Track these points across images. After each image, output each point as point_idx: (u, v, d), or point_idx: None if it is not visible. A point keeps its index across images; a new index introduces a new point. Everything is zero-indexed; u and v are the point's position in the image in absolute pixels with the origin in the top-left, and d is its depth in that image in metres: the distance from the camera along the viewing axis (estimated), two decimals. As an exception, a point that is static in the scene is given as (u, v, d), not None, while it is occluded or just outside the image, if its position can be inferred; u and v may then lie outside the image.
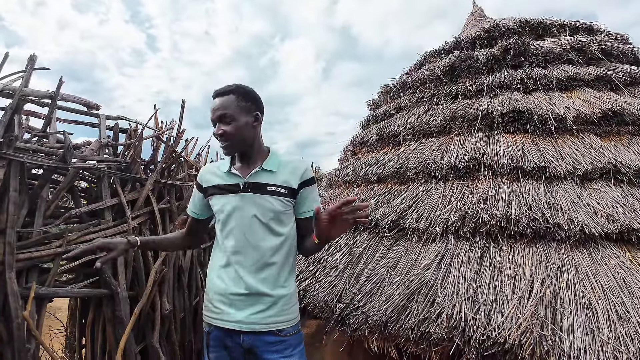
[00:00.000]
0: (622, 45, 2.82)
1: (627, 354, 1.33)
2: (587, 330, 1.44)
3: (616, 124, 2.22)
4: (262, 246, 1.36)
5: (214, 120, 1.39)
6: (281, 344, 1.35)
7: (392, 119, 2.98)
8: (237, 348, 1.33)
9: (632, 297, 1.52)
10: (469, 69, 2.80)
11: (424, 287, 1.66)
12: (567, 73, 2.52)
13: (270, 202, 1.37)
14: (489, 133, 2.29)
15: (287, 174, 1.42)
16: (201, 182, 1.45)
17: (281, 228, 1.40)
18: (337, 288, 1.91)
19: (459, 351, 1.52)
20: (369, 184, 2.56)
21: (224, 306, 1.33)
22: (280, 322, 1.36)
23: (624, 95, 2.42)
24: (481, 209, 1.81)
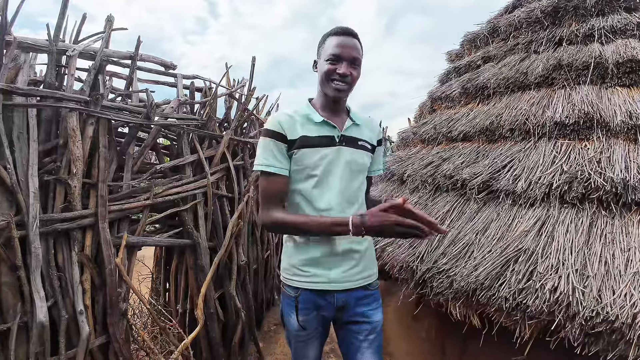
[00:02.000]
0: None
1: None
2: None
3: None
4: (355, 201, 1.33)
5: (345, 57, 1.25)
6: (369, 297, 1.37)
7: (479, 70, 2.68)
8: (329, 307, 1.33)
9: None
10: (575, 10, 2.39)
11: (522, 255, 1.52)
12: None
13: (362, 157, 1.35)
14: (600, 85, 1.97)
15: (368, 131, 1.40)
16: (284, 132, 1.27)
17: (363, 184, 1.38)
18: (418, 249, 1.83)
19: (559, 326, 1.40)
20: (452, 142, 2.38)
21: (314, 269, 1.30)
22: (368, 276, 1.37)
23: None
24: (594, 171, 1.58)
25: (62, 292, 1.79)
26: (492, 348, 1.85)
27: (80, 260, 1.86)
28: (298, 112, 1.33)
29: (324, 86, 1.29)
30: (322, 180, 1.28)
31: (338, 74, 1.24)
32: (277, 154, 1.27)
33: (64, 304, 1.79)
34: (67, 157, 1.83)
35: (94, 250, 1.93)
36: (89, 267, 1.88)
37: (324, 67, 1.26)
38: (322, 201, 1.27)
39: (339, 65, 1.24)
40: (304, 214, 1.29)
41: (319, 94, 1.35)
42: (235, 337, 2.71)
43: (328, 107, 1.33)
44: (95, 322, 1.91)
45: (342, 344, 1.42)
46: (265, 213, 1.29)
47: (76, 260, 1.85)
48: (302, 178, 1.29)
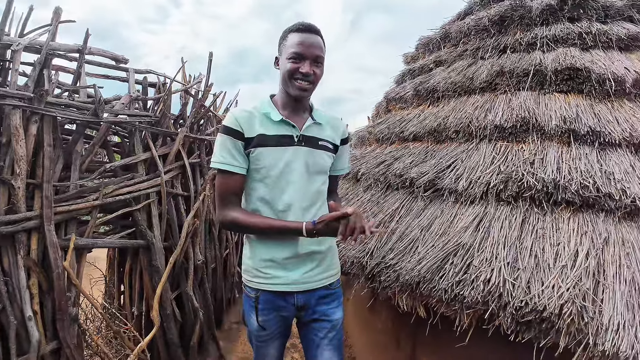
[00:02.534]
0: None
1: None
2: (628, 305, 1.37)
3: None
4: (316, 202, 1.33)
5: (307, 56, 1.22)
6: (329, 297, 1.40)
7: (431, 73, 2.79)
8: (290, 307, 1.34)
9: None
10: (521, 19, 2.54)
11: (461, 249, 1.61)
12: (627, 31, 2.27)
13: (322, 157, 1.34)
14: (539, 91, 2.10)
15: (331, 130, 1.38)
16: (241, 129, 1.23)
17: (324, 185, 1.38)
18: (368, 246, 1.90)
19: (491, 315, 1.50)
20: (404, 142, 2.46)
21: (274, 270, 1.30)
22: (330, 276, 1.39)
23: (690, 61, 2.16)
24: (527, 172, 1.70)
25: (9, 298, 1.72)
26: (439, 337, 1.94)
27: (26, 264, 1.78)
28: (258, 108, 1.29)
29: (286, 85, 1.26)
30: (280, 180, 1.26)
31: (301, 73, 1.22)
32: (234, 151, 1.24)
33: (12, 309, 1.72)
34: (11, 156, 1.75)
35: (40, 254, 1.85)
36: (36, 272, 1.81)
37: (286, 66, 1.23)
38: (280, 202, 1.27)
39: (302, 64, 1.22)
40: (261, 215, 1.27)
41: (280, 92, 1.32)
42: (194, 338, 2.69)
43: (289, 105, 1.31)
44: (46, 328, 1.84)
45: (303, 340, 1.45)
46: (221, 212, 1.28)
47: (22, 265, 1.77)
48: (259, 178, 1.27)
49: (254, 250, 1.33)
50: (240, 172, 1.25)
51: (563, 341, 1.38)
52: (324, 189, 1.37)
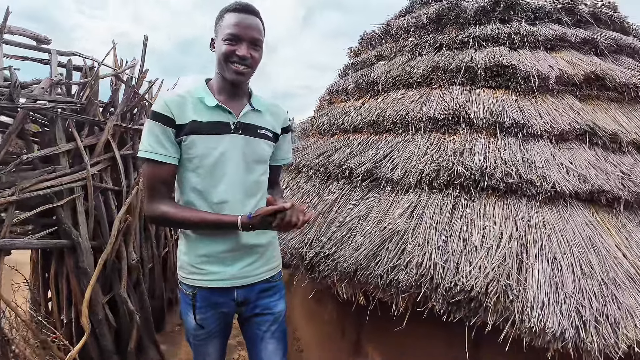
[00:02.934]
0: (611, 12, 2.76)
1: (589, 308, 1.37)
2: (551, 283, 1.48)
3: (597, 89, 2.21)
4: (255, 193, 1.27)
5: (244, 38, 1.16)
6: (271, 290, 1.36)
7: (372, 67, 2.85)
8: (230, 303, 1.29)
9: (598, 255, 1.57)
10: (456, 19, 2.67)
11: (395, 236, 1.65)
12: (554, 32, 2.45)
13: (261, 146, 1.28)
14: (470, 86, 2.22)
15: (271, 118, 1.33)
16: (172, 115, 1.14)
17: (264, 176, 1.33)
18: (307, 236, 1.89)
19: (425, 298, 1.55)
20: (345, 133, 2.49)
21: (211, 266, 1.23)
22: (271, 269, 1.35)
23: (608, 61, 2.39)
24: (457, 161, 1.78)
25: None
26: (380, 323, 1.98)
27: None
28: (191, 93, 1.21)
29: (222, 68, 1.19)
30: (215, 171, 1.19)
31: (237, 56, 1.15)
32: (164, 139, 1.14)
33: None
34: None
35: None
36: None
37: (222, 48, 1.16)
38: (215, 194, 1.19)
39: (239, 46, 1.15)
40: (195, 208, 1.19)
41: (216, 76, 1.25)
42: (131, 343, 2.52)
43: (226, 91, 1.24)
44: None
45: (246, 336, 1.40)
46: (150, 205, 1.18)
47: None
48: (192, 168, 1.19)
49: (190, 245, 1.26)
50: (171, 161, 1.16)
51: (491, 319, 1.45)
52: (264, 180, 1.32)
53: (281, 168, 1.54)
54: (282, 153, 1.42)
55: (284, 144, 1.41)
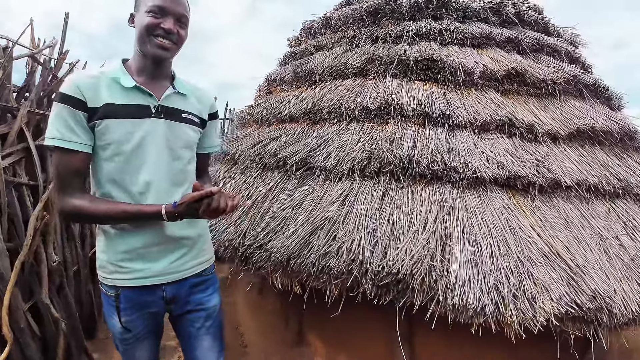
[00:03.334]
0: (536, 14, 2.99)
1: (507, 285, 1.48)
2: (472, 262, 1.57)
3: (517, 84, 2.38)
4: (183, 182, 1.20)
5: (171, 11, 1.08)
6: (203, 284, 1.29)
7: (311, 57, 2.85)
8: (158, 302, 1.21)
9: (514, 235, 1.70)
10: (392, 13, 2.75)
11: (327, 223, 1.68)
12: (481, 31, 2.60)
13: (186, 132, 1.20)
14: (402, 79, 2.30)
15: (197, 102, 1.25)
16: (83, 97, 1.04)
17: (191, 164, 1.25)
18: (241, 227, 1.86)
19: (357, 283, 1.58)
20: (282, 123, 2.47)
21: (134, 263, 1.14)
22: (202, 262, 1.29)
23: (529, 60, 2.58)
24: (387, 149, 1.84)
25: None
26: (320, 311, 2.00)
27: None
28: (106, 74, 1.10)
29: (144, 43, 1.10)
30: (134, 158, 1.10)
31: (162, 29, 1.07)
32: (74, 124, 1.03)
33: None
34: None
35: None
36: None
37: (145, 20, 1.07)
38: (136, 184, 1.10)
39: (164, 19, 1.07)
40: (113, 200, 1.09)
41: (136, 54, 1.15)
42: (59, 352, 2.31)
43: (146, 71, 1.14)
44: None
45: (180, 335, 1.33)
46: (61, 200, 1.06)
47: None
48: (108, 156, 1.08)
49: (109, 241, 1.16)
50: (83, 149, 1.06)
51: (418, 299, 1.53)
52: (190, 169, 1.25)
53: (209, 157, 1.48)
54: (209, 140, 1.36)
55: (211, 130, 1.35)
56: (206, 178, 1.46)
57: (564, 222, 1.85)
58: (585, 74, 2.71)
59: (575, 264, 1.62)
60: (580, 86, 2.52)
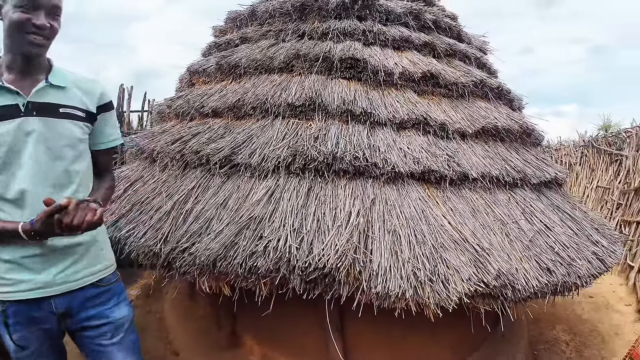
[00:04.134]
0: (451, 21, 3.23)
1: (423, 270, 1.59)
2: (392, 252, 1.66)
3: (432, 85, 2.55)
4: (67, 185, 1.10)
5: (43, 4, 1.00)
6: (104, 295, 1.20)
7: (236, 49, 2.77)
8: (49, 317, 1.10)
9: (428, 224, 1.82)
10: (319, 10, 2.77)
11: (253, 222, 1.66)
12: (401, 34, 2.74)
13: (67, 128, 1.10)
14: (327, 76, 2.34)
15: (81, 94, 1.15)
16: None
17: (78, 163, 1.14)
18: (162, 231, 1.75)
19: (285, 280, 1.60)
20: (204, 118, 2.37)
21: (18, 273, 1.04)
22: (98, 271, 1.19)
23: (443, 63, 2.79)
24: (311, 146, 1.87)
25: None
26: (251, 311, 1.99)
27: None
28: None
29: (15, 40, 1.01)
30: (5, 164, 1.01)
31: (34, 25, 0.99)
32: None
33: None
34: None
35: None
36: None
37: (15, 16, 0.98)
38: (10, 190, 1.01)
39: (35, 14, 0.99)
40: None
41: (5, 52, 1.05)
42: None
43: (17, 67, 1.05)
44: None
45: (85, 353, 1.21)
46: None
47: None
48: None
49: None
50: None
51: (345, 290, 1.58)
52: (78, 169, 1.14)
53: (109, 154, 1.37)
54: (103, 136, 1.25)
55: (105, 124, 1.25)
56: (106, 179, 1.34)
57: (471, 211, 2.04)
58: (491, 78, 3.02)
59: (481, 248, 1.80)
60: (486, 89, 2.79)
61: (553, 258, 1.95)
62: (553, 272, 1.86)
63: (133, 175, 2.26)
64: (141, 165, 2.33)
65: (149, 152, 2.25)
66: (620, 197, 5.18)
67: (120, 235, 1.84)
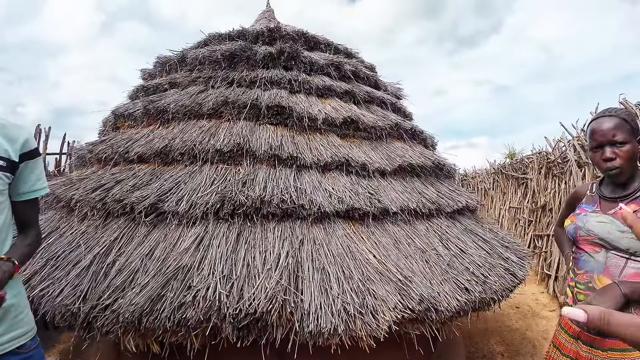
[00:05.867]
0: (368, 71, 3.60)
1: (352, 304, 1.66)
2: (322, 289, 1.72)
3: (352, 129, 2.79)
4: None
5: None
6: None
7: (165, 93, 2.79)
8: None
9: (354, 259, 1.93)
10: (248, 59, 2.94)
11: (181, 272, 1.63)
12: (324, 83, 2.99)
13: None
14: (255, 122, 2.46)
15: (4, 141, 1.08)
16: None
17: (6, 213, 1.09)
18: (80, 287, 1.63)
19: (217, 329, 1.57)
20: (129, 163, 2.31)
21: None
22: (18, 336, 1.10)
23: (362, 109, 3.08)
24: (239, 191, 1.93)
25: None
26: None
27: None
28: None
29: None
30: None
31: None
32: None
33: None
34: None
35: None
36: None
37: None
38: None
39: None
40: None
41: None
42: None
43: None
44: None
45: None
46: None
47: None
48: None
49: None
50: None
51: (279, 333, 1.60)
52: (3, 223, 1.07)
53: (34, 205, 1.25)
54: (26, 185, 1.17)
55: (28, 173, 1.17)
56: (31, 233, 1.24)
57: (394, 242, 2.19)
58: (406, 120, 3.39)
59: (404, 276, 1.93)
60: (402, 131, 3.12)
61: (469, 278, 2.13)
62: (470, 290, 2.04)
63: (47, 227, 2.08)
64: (57, 215, 2.15)
65: (67, 201, 2.10)
66: (530, 214, 5.91)
67: (33, 294, 1.67)
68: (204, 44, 3.30)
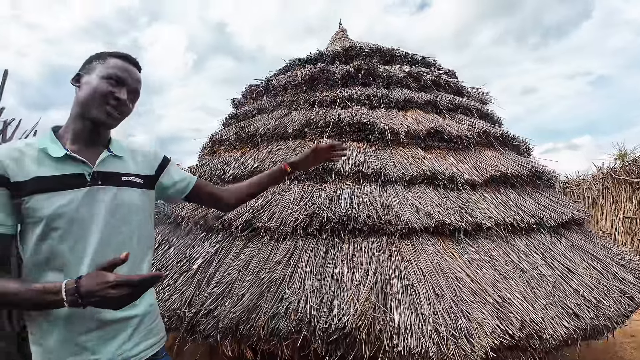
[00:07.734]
0: (449, 78, 3.47)
1: (445, 326, 1.57)
2: (412, 308, 1.67)
3: (437, 140, 2.70)
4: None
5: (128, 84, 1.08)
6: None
7: (253, 119, 3.02)
8: None
9: (446, 278, 1.84)
10: (327, 80, 3.05)
11: (274, 284, 1.71)
12: (404, 95, 2.96)
13: (130, 196, 1.10)
14: (338, 140, 2.51)
15: (135, 162, 1.17)
16: (5, 172, 0.93)
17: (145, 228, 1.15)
18: (186, 294, 1.82)
19: (307, 342, 1.61)
20: (226, 184, 2.51)
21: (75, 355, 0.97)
22: (154, 344, 1.13)
23: (446, 118, 2.96)
24: (327, 207, 1.97)
25: None
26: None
27: None
28: (32, 145, 1.00)
29: (92, 107, 1.03)
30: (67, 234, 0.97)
31: (116, 98, 1.04)
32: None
33: None
34: None
35: None
36: None
37: (99, 86, 1.03)
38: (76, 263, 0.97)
39: (120, 89, 1.05)
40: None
41: (74, 119, 1.07)
42: None
43: (84, 137, 1.06)
44: None
45: None
46: None
47: None
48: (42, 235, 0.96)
49: (42, 327, 0.98)
50: (4, 231, 0.96)
51: (367, 350, 1.57)
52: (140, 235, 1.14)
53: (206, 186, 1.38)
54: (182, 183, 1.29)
55: (174, 173, 1.28)
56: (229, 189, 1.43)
57: (489, 260, 2.04)
58: (495, 127, 3.15)
59: (501, 298, 1.78)
60: (491, 138, 2.91)
61: (579, 302, 1.90)
62: (580, 316, 1.82)
63: (159, 240, 2.38)
64: (166, 230, 2.46)
65: (174, 217, 2.39)
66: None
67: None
68: (285, 70, 3.52)
